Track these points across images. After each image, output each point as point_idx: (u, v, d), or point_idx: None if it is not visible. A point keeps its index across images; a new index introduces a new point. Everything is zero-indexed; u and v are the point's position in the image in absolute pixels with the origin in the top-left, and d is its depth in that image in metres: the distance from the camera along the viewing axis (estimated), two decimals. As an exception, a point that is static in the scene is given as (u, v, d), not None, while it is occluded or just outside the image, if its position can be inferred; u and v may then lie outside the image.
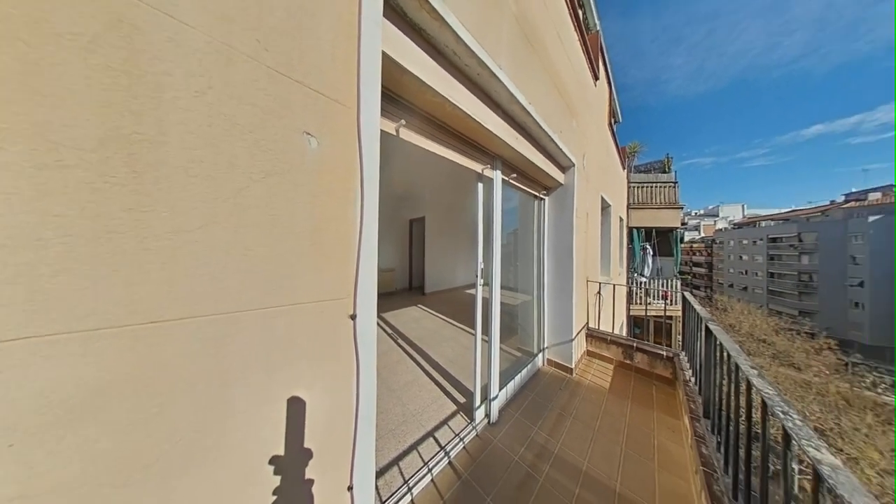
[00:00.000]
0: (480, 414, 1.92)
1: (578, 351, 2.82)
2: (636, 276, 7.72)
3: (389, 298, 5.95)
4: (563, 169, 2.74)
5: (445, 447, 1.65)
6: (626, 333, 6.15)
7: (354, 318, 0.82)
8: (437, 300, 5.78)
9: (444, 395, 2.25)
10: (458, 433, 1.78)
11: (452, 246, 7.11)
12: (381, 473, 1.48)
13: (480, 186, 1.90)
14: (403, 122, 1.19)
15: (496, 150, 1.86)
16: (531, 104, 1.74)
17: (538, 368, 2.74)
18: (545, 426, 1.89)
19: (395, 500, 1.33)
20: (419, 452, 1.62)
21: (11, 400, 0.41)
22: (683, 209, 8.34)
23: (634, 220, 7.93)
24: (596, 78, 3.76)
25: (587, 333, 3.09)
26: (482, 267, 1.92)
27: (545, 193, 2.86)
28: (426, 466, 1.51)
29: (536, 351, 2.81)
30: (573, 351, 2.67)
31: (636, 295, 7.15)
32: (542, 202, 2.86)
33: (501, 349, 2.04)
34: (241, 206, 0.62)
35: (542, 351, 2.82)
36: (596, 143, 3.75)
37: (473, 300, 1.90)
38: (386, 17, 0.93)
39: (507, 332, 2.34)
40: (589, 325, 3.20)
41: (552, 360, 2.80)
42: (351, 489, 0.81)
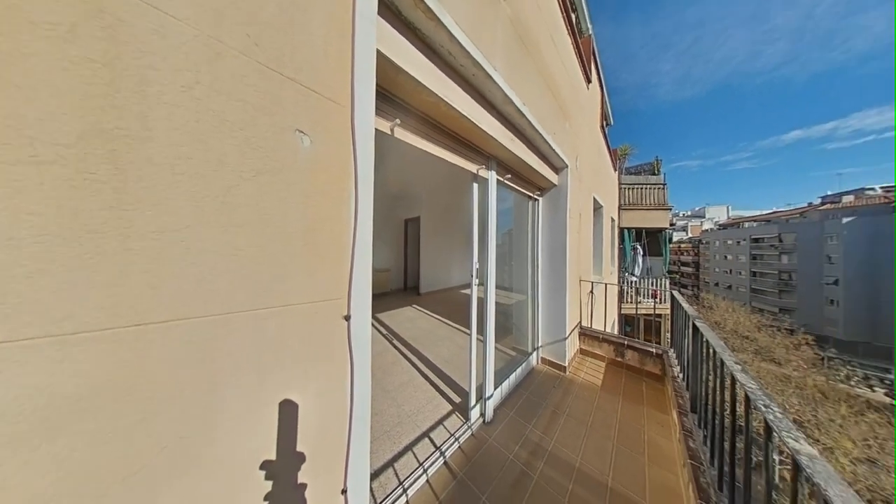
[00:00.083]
0: (476, 413, 1.93)
1: (572, 349, 2.87)
2: (627, 275, 7.91)
3: (384, 299, 5.90)
4: (556, 170, 2.78)
5: (441, 447, 1.65)
6: (617, 331, 6.29)
7: (349, 318, 0.81)
8: (432, 300, 5.77)
9: (439, 395, 2.25)
10: (453, 433, 1.78)
11: (448, 246, 7.11)
12: (375, 475, 1.47)
13: (476, 187, 1.91)
14: (398, 121, 1.18)
15: (491, 150, 1.88)
16: (526, 105, 1.76)
17: (532, 367, 2.77)
18: (539, 424, 1.92)
19: (390, 501, 1.32)
20: (414, 453, 1.62)
21: (-20, 409, 0.39)
22: (672, 210, 8.59)
23: (625, 220, 8.12)
24: (588, 81, 3.83)
25: (580, 332, 3.14)
26: (477, 267, 1.92)
27: (539, 194, 2.89)
28: (421, 467, 1.51)
29: (531, 350, 2.84)
30: (566, 349, 2.71)
31: (627, 294, 7.32)
32: (536, 203, 2.90)
33: (496, 348, 2.05)
34: (230, 205, 0.60)
35: (536, 350, 2.85)
36: (588, 144, 3.82)
37: (468, 300, 1.91)
38: (381, 15, 0.92)
39: (501, 331, 2.36)
40: (582, 323, 3.26)
41: (546, 358, 2.84)
42: (345, 492, 0.80)
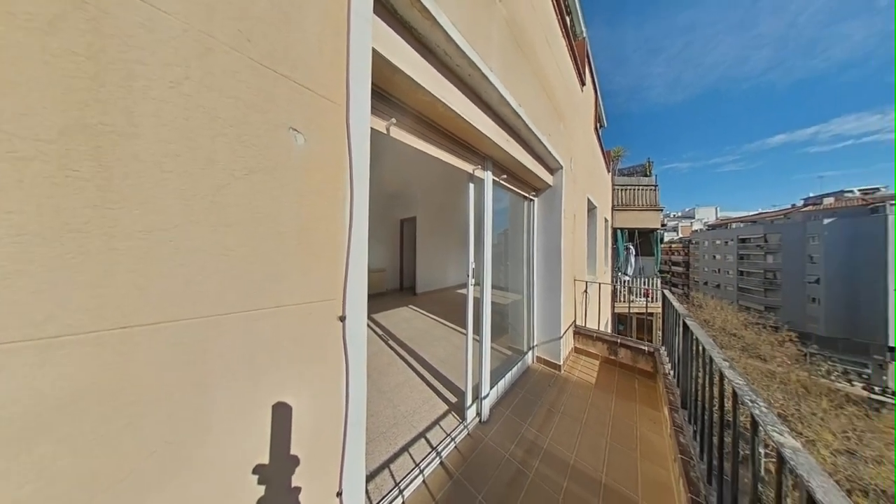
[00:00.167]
0: (472, 413, 1.93)
1: (566, 348, 2.90)
2: (620, 274, 8.05)
3: (380, 299, 5.86)
4: (551, 171, 2.80)
5: (437, 447, 1.65)
6: (610, 330, 6.39)
7: (343, 319, 0.80)
8: (428, 300, 5.76)
9: (435, 395, 2.25)
10: (449, 433, 1.78)
11: (444, 246, 7.11)
12: (371, 477, 1.46)
13: (472, 187, 1.91)
14: (394, 120, 1.17)
15: (487, 150, 1.88)
16: (521, 107, 1.77)
17: (528, 366, 2.79)
18: (535, 422, 1.93)
19: (386, 503, 1.31)
20: (410, 454, 1.61)
21: (-47, 417, 0.37)
22: (663, 211, 8.79)
23: (618, 221, 8.27)
24: (583, 83, 3.88)
25: (574, 331, 3.18)
26: (473, 267, 1.93)
27: (534, 195, 2.92)
28: (417, 468, 1.50)
29: (526, 349, 2.86)
30: (561, 348, 2.74)
31: (620, 293, 7.45)
32: (531, 203, 2.92)
33: (492, 348, 2.06)
34: (221, 204, 0.59)
35: (531, 349, 2.88)
36: (583, 146, 3.88)
37: (465, 300, 1.91)
38: (376, 13, 0.92)
39: (497, 331, 2.37)
40: (576, 322, 3.30)
41: (541, 357, 2.87)
42: (340, 495, 0.79)
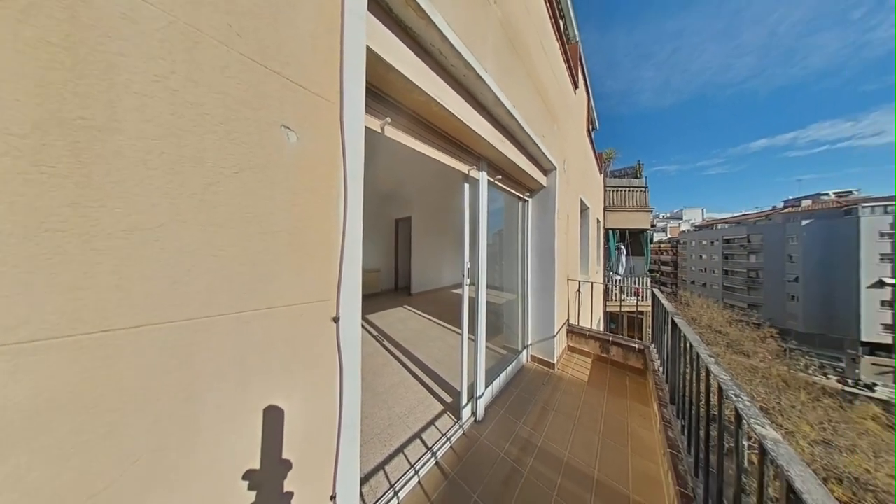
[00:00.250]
0: (467, 412, 1.93)
1: (560, 347, 2.95)
2: (612, 274, 8.22)
3: (375, 300, 5.81)
4: (545, 172, 2.84)
5: (432, 448, 1.65)
6: (602, 328, 6.52)
7: (337, 320, 0.79)
8: (423, 300, 5.75)
9: (430, 395, 2.24)
10: (444, 433, 1.78)
11: (439, 246, 7.10)
12: (365, 479, 1.44)
13: (467, 187, 1.92)
14: (389, 119, 1.16)
15: (482, 151, 1.89)
16: (516, 108, 1.79)
17: (522, 365, 2.82)
18: (529, 420, 1.95)
19: (380, 505, 1.30)
20: (405, 455, 1.60)
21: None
22: (653, 212, 9.02)
23: (610, 221, 8.44)
24: (576, 86, 3.94)
25: (568, 329, 3.23)
26: (468, 267, 1.93)
27: (529, 195, 2.95)
28: (413, 469, 1.50)
29: (521, 348, 2.89)
30: (555, 347, 2.78)
31: (612, 292, 7.61)
32: (525, 203, 2.95)
33: (487, 347, 2.07)
34: (209, 202, 0.57)
35: (526, 348, 2.91)
36: (576, 148, 3.94)
37: (460, 300, 1.91)
38: (371, 11, 0.91)
39: (492, 330, 2.38)
40: (569, 321, 3.35)
41: (535, 356, 2.90)
42: (333, 498, 0.78)
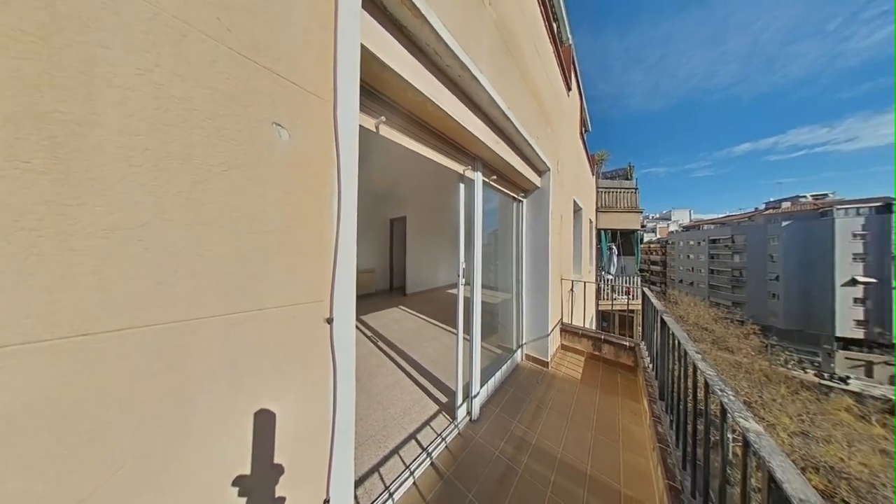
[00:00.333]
0: (462, 412, 1.94)
1: (554, 345, 2.99)
2: (604, 273, 8.39)
3: (369, 300, 5.75)
4: (539, 173, 2.87)
5: (427, 448, 1.64)
6: (595, 327, 6.65)
7: (331, 321, 0.78)
8: (418, 300, 5.73)
9: (426, 396, 2.23)
10: (440, 433, 1.78)
11: (434, 246, 7.09)
12: (360, 482, 1.43)
13: (462, 187, 1.92)
14: (384, 118, 1.15)
15: (477, 151, 1.90)
16: (510, 109, 1.80)
17: (517, 364, 2.84)
18: (524, 419, 1.97)
19: (375, 507, 1.29)
20: (400, 456, 1.59)
21: None
22: (643, 213, 9.26)
23: (602, 222, 8.61)
24: (569, 89, 4.00)
25: (561, 328, 3.28)
26: (464, 266, 1.94)
27: (523, 196, 2.97)
28: (408, 470, 1.49)
29: (515, 347, 2.91)
30: (549, 345, 2.81)
31: (604, 291, 7.76)
32: (520, 204, 2.98)
33: (482, 347, 2.08)
34: (197, 201, 0.55)
35: (520, 347, 2.93)
36: (569, 149, 4.00)
37: (455, 299, 1.92)
38: (365, 9, 0.90)
39: (487, 330, 2.39)
40: (563, 320, 3.40)
41: (530, 355, 2.93)
42: (327, 502, 0.77)
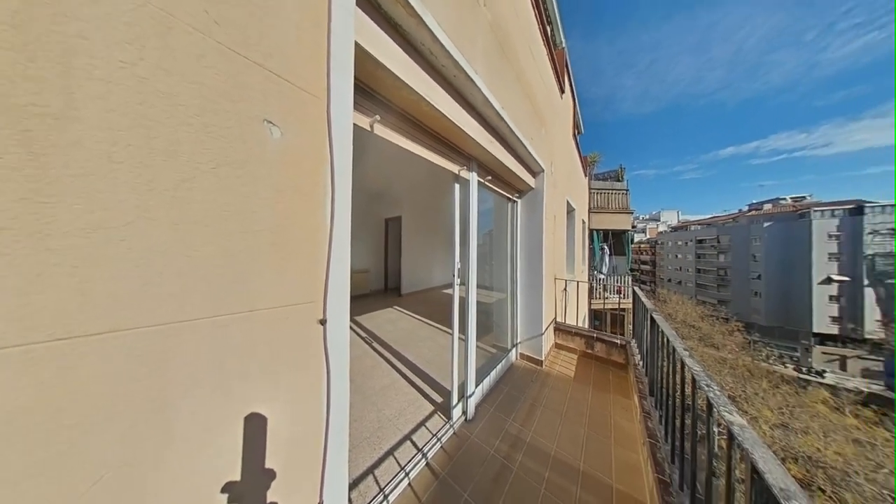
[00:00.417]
0: (458, 412, 1.94)
1: (547, 344, 3.02)
2: (596, 273, 8.55)
3: (363, 301, 5.70)
4: (533, 174, 2.90)
5: (423, 449, 1.64)
6: (587, 325, 6.77)
7: (324, 323, 0.77)
8: (414, 301, 5.70)
9: (421, 396, 2.23)
10: (435, 433, 1.77)
11: (430, 246, 7.07)
12: (354, 485, 1.41)
13: (457, 187, 1.92)
14: (378, 117, 1.14)
15: (472, 152, 1.90)
16: (505, 110, 1.81)
17: (512, 363, 2.87)
18: (518, 417, 1.99)
19: (369, 510, 1.28)
20: (395, 458, 1.58)
21: None
22: (633, 214, 9.49)
23: (594, 222, 8.78)
24: (562, 91, 4.06)
25: (555, 327, 3.32)
26: (459, 267, 1.94)
27: (518, 196, 3.00)
28: (403, 471, 1.48)
29: (510, 346, 2.94)
30: (543, 344, 2.85)
31: (596, 290, 7.91)
32: (514, 204, 3.01)
33: (478, 347, 2.09)
34: (183, 199, 0.53)
35: (515, 346, 2.96)
36: (562, 151, 4.06)
37: (450, 299, 1.92)
38: (359, 6, 0.89)
39: (482, 329, 2.40)
40: (557, 319, 3.45)
41: (524, 353, 2.96)
42: (321, 506, 0.76)
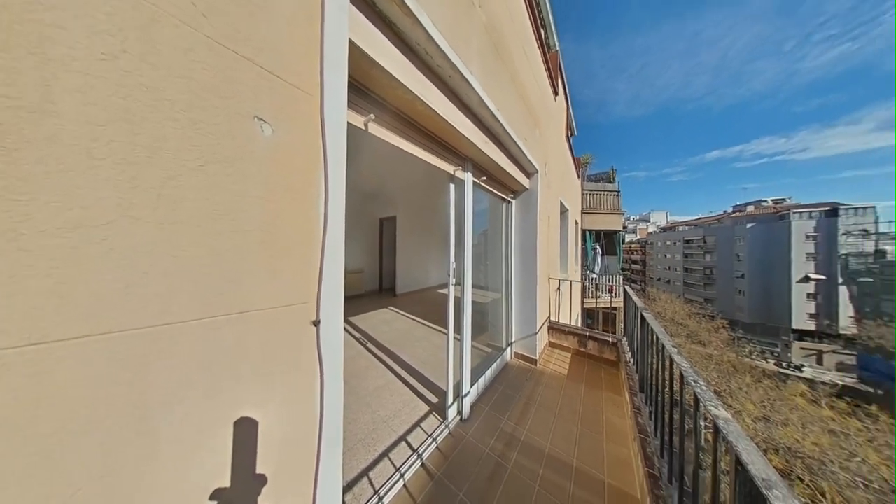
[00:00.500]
0: (453, 412, 1.94)
1: (542, 343, 3.06)
2: (588, 272, 8.71)
3: (358, 301, 5.63)
4: (528, 174, 2.93)
5: (418, 449, 1.63)
6: (580, 324, 6.88)
7: (318, 324, 0.75)
8: (409, 301, 5.68)
9: (416, 396, 2.22)
10: (430, 433, 1.77)
11: (424, 246, 7.05)
12: (349, 487, 1.39)
13: (452, 187, 1.92)
14: (373, 116, 1.13)
15: (467, 152, 1.91)
16: (499, 111, 1.82)
17: (506, 362, 2.89)
18: (513, 416, 2.00)
19: (364, 513, 1.27)
20: (390, 459, 1.57)
21: None
22: (624, 215, 9.71)
23: (587, 223, 8.93)
24: (556, 93, 4.12)
25: (549, 326, 3.37)
26: (454, 266, 1.94)
27: (512, 197, 3.03)
28: (398, 472, 1.47)
29: (505, 346, 2.96)
30: (537, 343, 2.88)
31: (588, 289, 8.06)
32: (509, 205, 3.03)
33: (473, 346, 2.10)
34: (169, 197, 0.52)
35: (509, 345, 2.98)
36: (556, 152, 4.11)
37: (446, 299, 1.92)
38: (353, 4, 0.88)
39: (477, 329, 2.41)
40: (550, 318, 3.49)
41: (519, 353, 2.98)
42: (314, 511, 0.75)
